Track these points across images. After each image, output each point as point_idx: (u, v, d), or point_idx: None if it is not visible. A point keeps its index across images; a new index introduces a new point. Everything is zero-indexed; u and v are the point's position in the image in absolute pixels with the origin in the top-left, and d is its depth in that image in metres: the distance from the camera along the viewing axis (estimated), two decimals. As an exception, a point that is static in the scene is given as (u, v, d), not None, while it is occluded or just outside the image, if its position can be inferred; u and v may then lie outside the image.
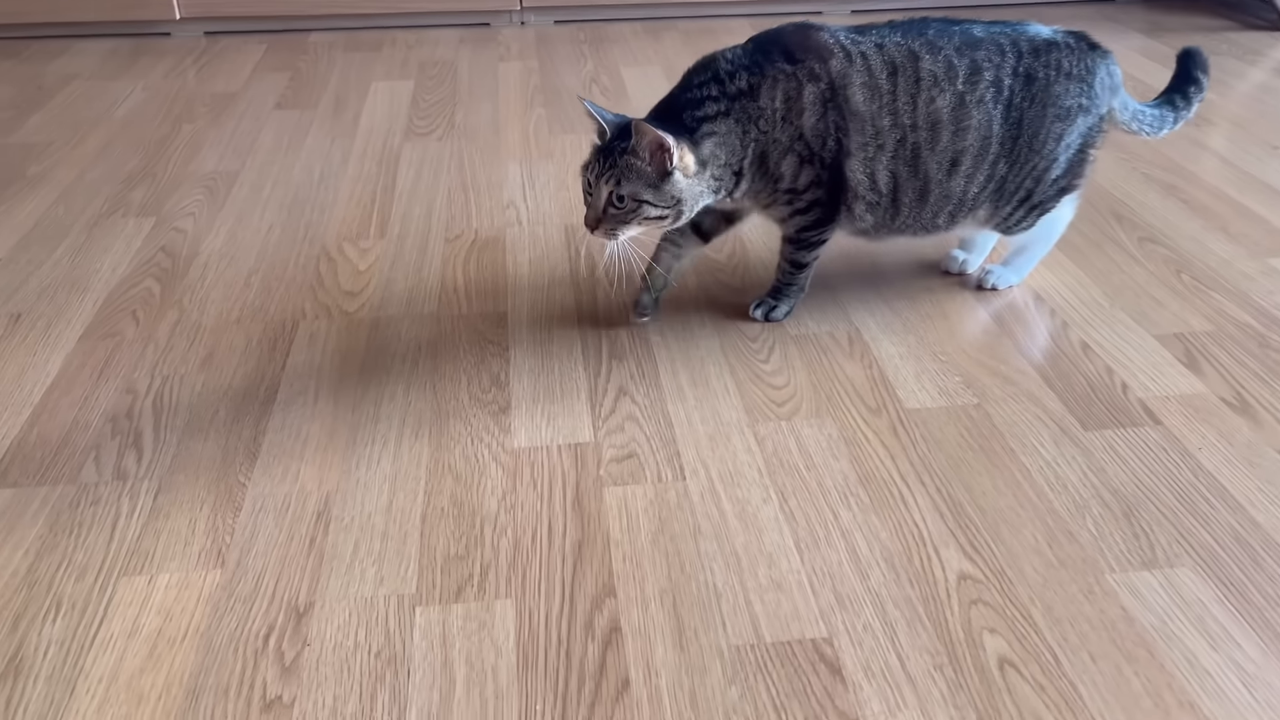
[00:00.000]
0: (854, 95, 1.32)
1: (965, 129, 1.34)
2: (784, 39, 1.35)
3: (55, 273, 1.60)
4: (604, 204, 1.29)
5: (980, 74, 1.34)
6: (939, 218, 1.41)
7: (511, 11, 2.84)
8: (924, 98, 1.33)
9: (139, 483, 1.18)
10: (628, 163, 1.27)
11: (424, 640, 0.98)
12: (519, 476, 1.19)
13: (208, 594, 1.03)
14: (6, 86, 2.37)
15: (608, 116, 1.32)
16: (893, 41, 1.35)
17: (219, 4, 2.70)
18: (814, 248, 1.43)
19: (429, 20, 2.82)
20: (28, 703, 0.92)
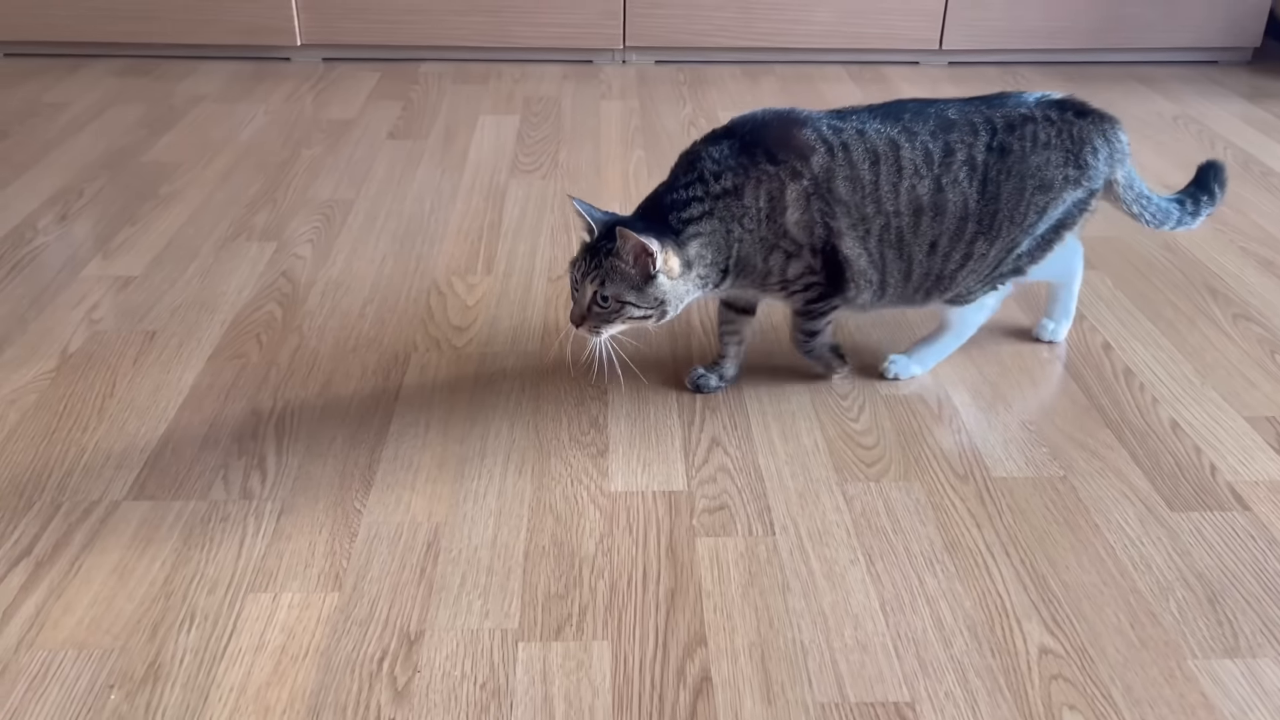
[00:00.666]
0: (838, 188, 1.34)
1: (943, 212, 1.36)
2: (767, 137, 1.34)
3: (186, 292, 1.71)
4: (589, 302, 1.31)
5: (953, 155, 1.35)
6: (918, 294, 1.43)
7: (614, 50, 2.92)
8: (905, 185, 1.34)
9: (263, 503, 1.26)
10: (612, 264, 1.29)
11: (526, 675, 1.04)
12: (615, 520, 1.25)
13: (326, 615, 1.11)
14: (140, 104, 2.51)
15: (596, 215, 1.34)
16: (873, 129, 1.35)
17: (337, 32, 2.83)
18: (824, 316, 1.44)
19: (534, 55, 2.92)
20: (165, 707, 1.00)
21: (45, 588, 1.13)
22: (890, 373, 1.52)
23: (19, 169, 2.14)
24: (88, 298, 1.68)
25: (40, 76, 2.68)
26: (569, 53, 2.92)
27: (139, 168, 2.17)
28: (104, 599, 1.12)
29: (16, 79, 2.66)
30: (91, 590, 1.13)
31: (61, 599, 1.11)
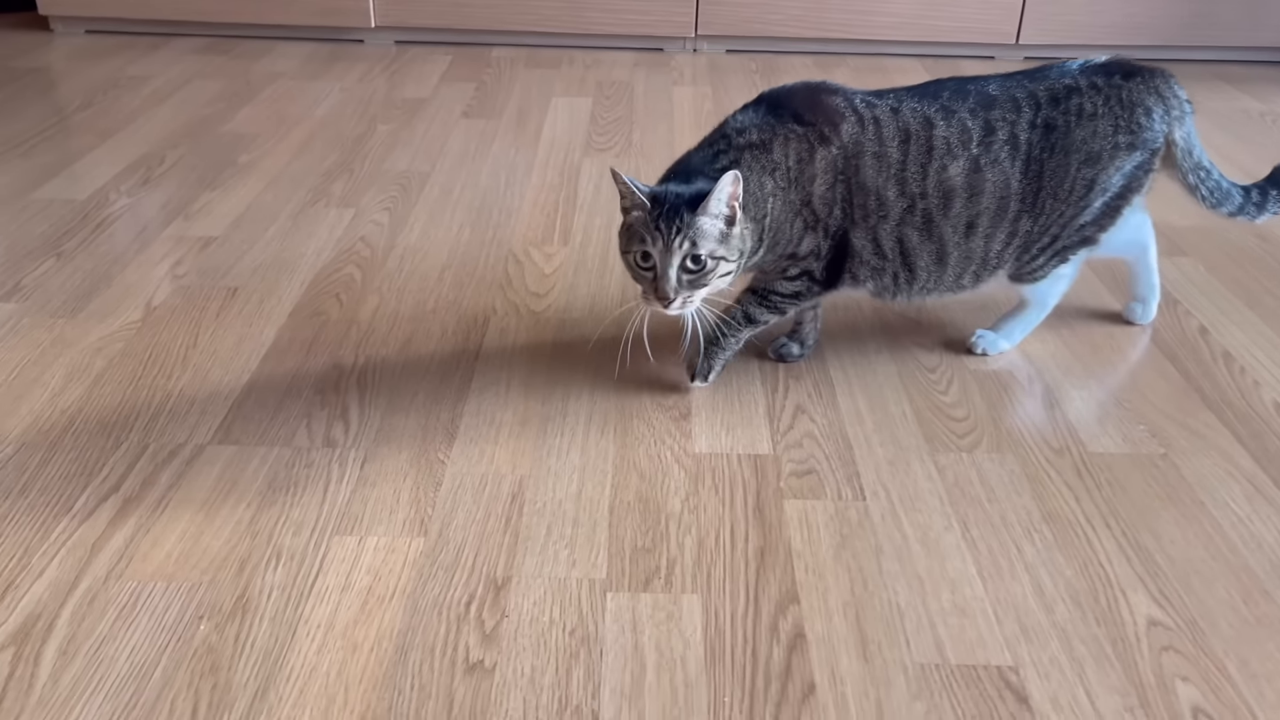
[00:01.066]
0: (864, 168, 1.29)
1: (980, 192, 1.31)
2: (794, 99, 1.31)
3: (266, 253, 1.72)
4: (677, 271, 1.23)
5: (994, 134, 1.30)
6: (963, 278, 1.38)
7: (685, 38, 2.91)
8: (935, 166, 1.29)
9: (346, 451, 1.25)
10: (695, 222, 1.21)
11: (615, 624, 1.02)
12: (700, 480, 1.23)
13: (412, 559, 1.10)
14: (218, 80, 2.55)
15: (643, 188, 1.25)
16: (909, 106, 1.31)
17: (410, 15, 2.85)
18: (773, 312, 1.37)
19: (606, 43, 2.92)
20: (255, 638, 0.99)
21: (133, 523, 1.13)
22: (978, 348, 1.48)
23: (103, 135, 2.17)
24: (170, 255, 1.70)
25: (122, 53, 2.73)
26: (640, 40, 2.92)
27: (218, 138, 2.19)
28: (191, 536, 1.11)
29: (99, 55, 2.71)
30: (179, 527, 1.12)
31: (149, 534, 1.11)
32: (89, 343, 1.45)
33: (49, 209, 1.84)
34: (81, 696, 0.92)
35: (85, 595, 1.03)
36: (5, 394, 1.33)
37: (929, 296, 1.40)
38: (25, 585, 1.04)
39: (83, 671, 0.95)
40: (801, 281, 1.35)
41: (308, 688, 0.94)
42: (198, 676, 0.95)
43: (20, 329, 1.47)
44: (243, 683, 0.94)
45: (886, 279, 1.36)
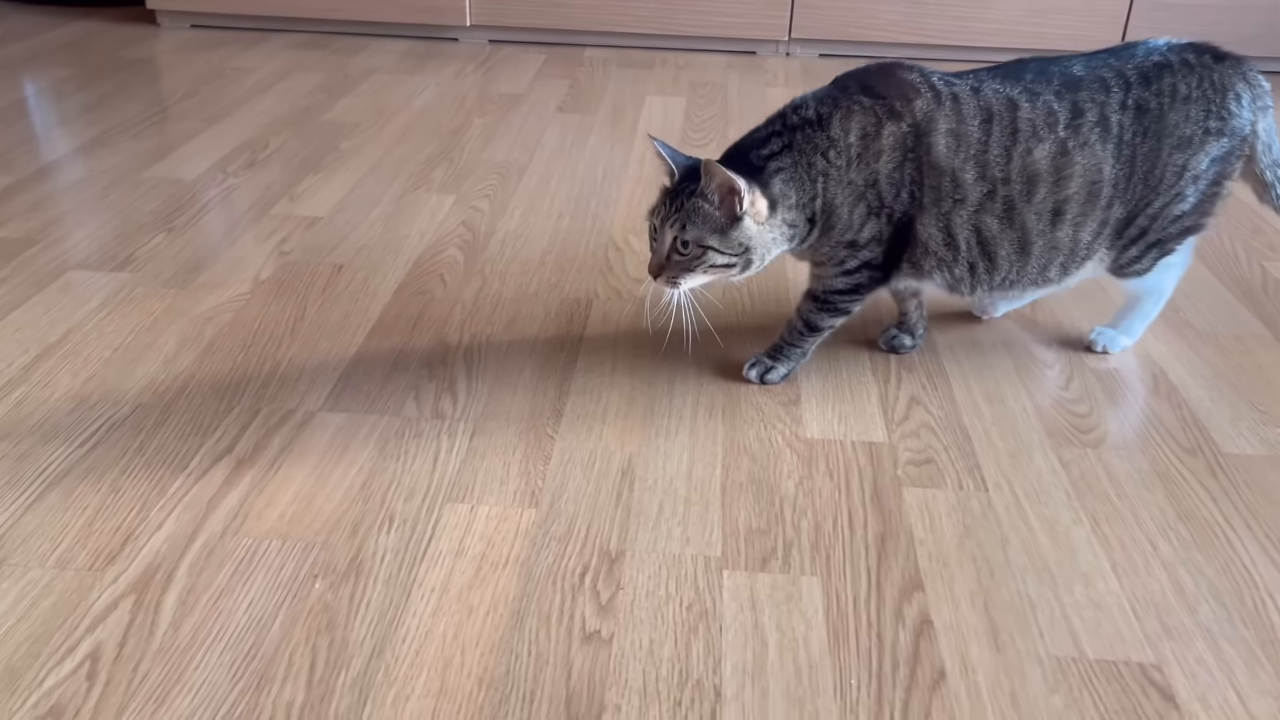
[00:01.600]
0: (937, 143, 1.21)
1: (1068, 177, 1.23)
2: (866, 74, 1.25)
3: (370, 234, 1.73)
4: (668, 249, 1.21)
5: (1083, 116, 1.23)
6: (1049, 270, 1.29)
7: (779, 41, 2.89)
8: (1020, 149, 1.22)
9: (455, 423, 1.25)
10: (695, 205, 1.19)
11: (733, 601, 0.99)
12: (814, 465, 1.19)
13: (524, 529, 1.08)
14: (318, 73, 2.58)
15: (678, 158, 1.24)
16: (990, 87, 1.24)
17: (505, 14, 2.87)
18: (837, 315, 1.32)
19: (698, 45, 2.91)
20: (370, 599, 0.98)
21: (247, 483, 1.13)
22: (1098, 345, 1.43)
23: (209, 121, 2.21)
24: (276, 233, 1.71)
25: (225, 47, 2.78)
26: (733, 42, 2.90)
27: (319, 126, 2.22)
28: (304, 497, 1.11)
29: (203, 48, 2.77)
30: (291, 489, 1.12)
31: (263, 494, 1.11)
32: (199, 312, 1.46)
33: (159, 187, 1.87)
34: (202, 645, 0.92)
35: (203, 549, 1.03)
36: (121, 358, 1.34)
37: (1011, 290, 1.32)
38: (144, 537, 1.04)
39: (202, 621, 0.94)
40: (862, 274, 1.27)
41: (424, 649, 0.93)
42: (314, 633, 0.94)
43: (134, 297, 1.49)
44: (359, 640, 0.93)
45: (960, 270, 1.27)
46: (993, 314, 1.51)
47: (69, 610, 0.95)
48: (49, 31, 2.87)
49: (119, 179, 1.90)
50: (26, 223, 1.70)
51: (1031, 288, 1.32)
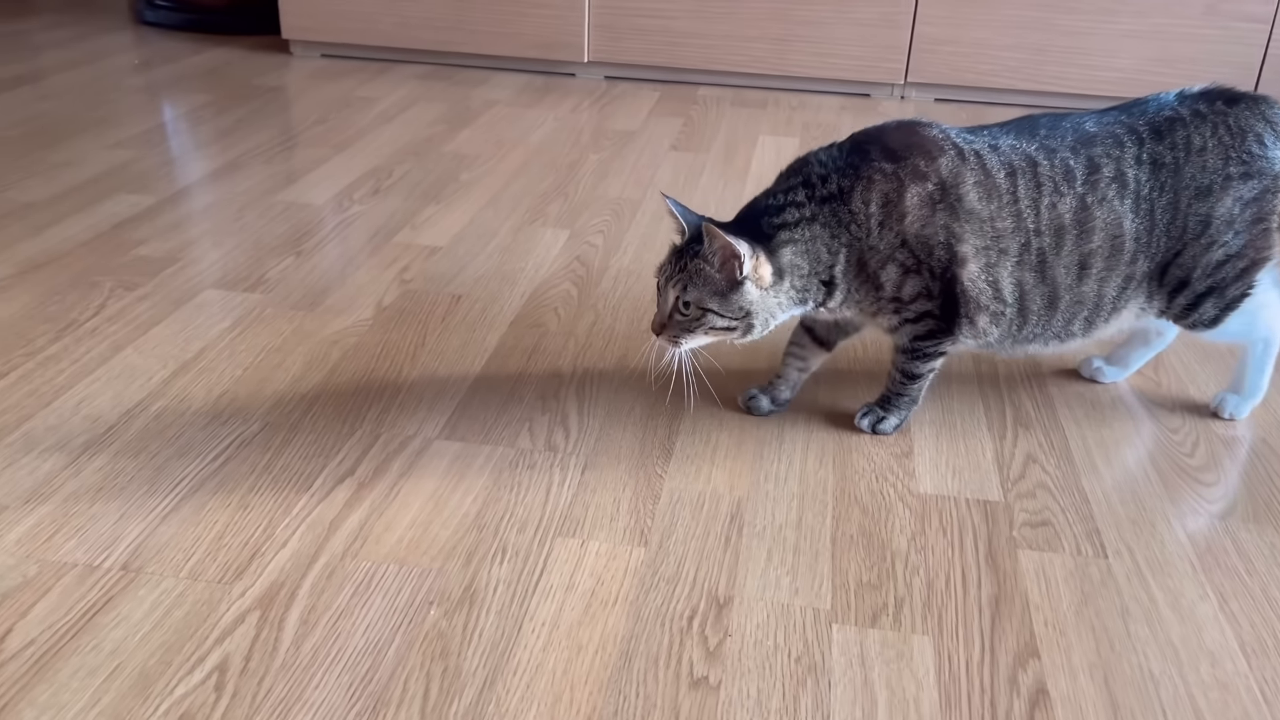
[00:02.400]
0: (968, 194, 1.20)
1: (1090, 230, 1.22)
2: (885, 136, 1.23)
3: (487, 265, 1.77)
4: (670, 309, 1.22)
5: (1099, 171, 1.22)
6: (1073, 324, 1.27)
7: (894, 85, 2.88)
8: (1046, 202, 1.21)
9: (567, 457, 1.26)
10: (697, 267, 1.19)
11: (842, 656, 0.98)
12: (927, 520, 1.18)
13: (634, 568, 1.09)
14: (440, 104, 2.67)
15: (689, 216, 1.23)
16: (1007, 144, 1.23)
17: (621, 52, 2.92)
18: (930, 359, 1.29)
19: (811, 86, 2.92)
20: (483, 630, 1.00)
21: (367, 506, 1.16)
22: (1225, 412, 1.38)
23: (337, 148, 2.30)
24: (398, 261, 1.77)
25: (353, 75, 2.89)
26: (847, 85, 2.90)
27: (441, 156, 2.29)
28: (421, 524, 1.14)
29: (332, 76, 2.88)
30: (409, 515, 1.15)
31: (382, 518, 1.14)
32: (325, 335, 1.52)
33: (288, 211, 1.95)
34: (322, 665, 0.95)
35: (324, 570, 1.06)
36: (251, 376, 1.40)
37: (1030, 346, 1.30)
38: (270, 554, 1.08)
39: (322, 641, 0.97)
40: (926, 323, 1.25)
41: (534, 683, 0.94)
42: (429, 659, 0.96)
43: (265, 317, 1.55)
44: (472, 670, 0.95)
45: (1005, 324, 1.25)
46: (1103, 380, 1.47)
47: (199, 621, 0.99)
48: (189, 58, 3.02)
49: (252, 202, 1.99)
50: (166, 242, 1.79)
51: (1054, 342, 1.30)
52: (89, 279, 1.64)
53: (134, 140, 2.30)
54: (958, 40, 2.77)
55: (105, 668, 0.93)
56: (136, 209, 1.92)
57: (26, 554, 1.06)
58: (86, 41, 3.16)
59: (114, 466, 1.20)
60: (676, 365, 1.27)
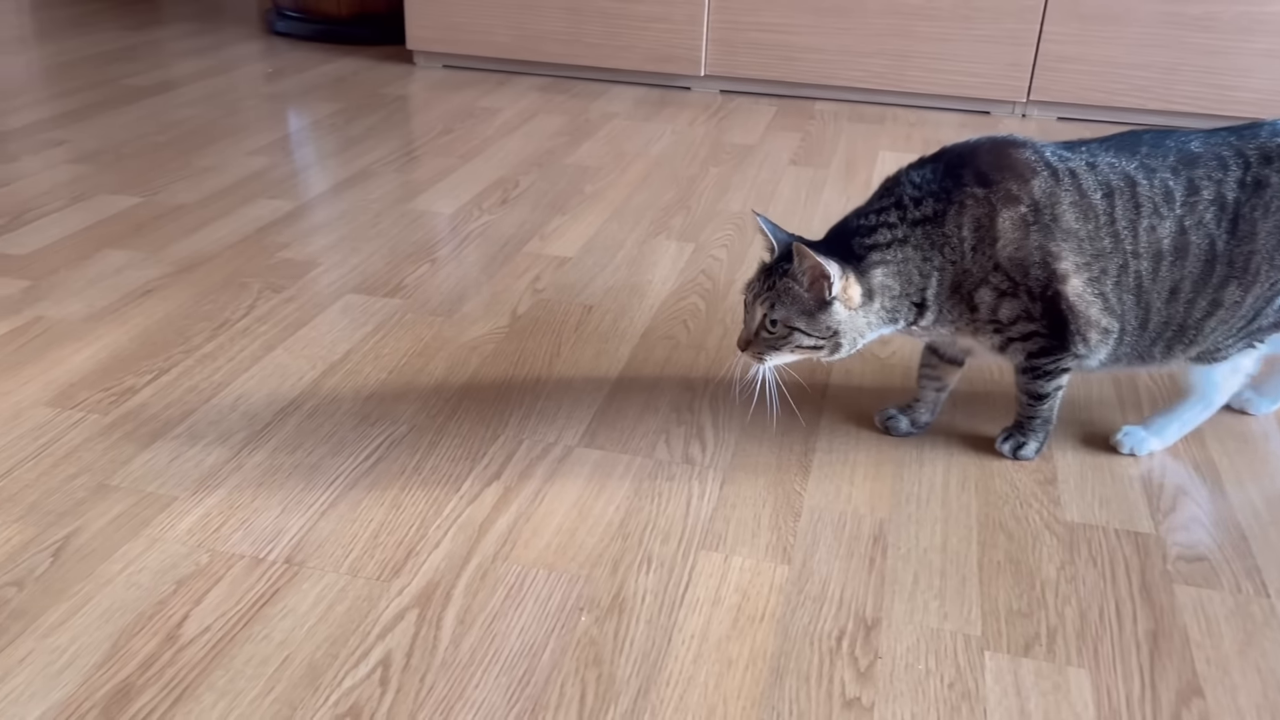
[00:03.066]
0: (1064, 214, 1.17)
1: (1184, 255, 1.18)
2: (977, 157, 1.20)
3: (616, 277, 1.79)
4: (757, 326, 1.22)
5: (1198, 194, 1.17)
6: (1156, 346, 1.24)
7: (1015, 103, 2.83)
8: (1145, 225, 1.17)
9: (704, 470, 1.27)
10: (786, 286, 1.19)
11: (996, 685, 0.97)
12: (1075, 550, 1.16)
13: (778, 585, 1.09)
14: (560, 116, 2.71)
15: (779, 235, 1.23)
16: (1105, 161, 1.19)
17: (738, 66, 2.93)
18: (1051, 377, 1.26)
19: (930, 102, 2.89)
20: (633, 638, 1.01)
21: (514, 511, 1.19)
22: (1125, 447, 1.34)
23: (464, 158, 2.36)
24: (530, 270, 1.80)
25: (474, 87, 2.96)
26: (966, 101, 2.86)
27: (564, 168, 2.32)
28: (567, 530, 1.16)
29: (455, 87, 2.95)
30: (555, 521, 1.17)
31: (530, 523, 1.17)
32: (464, 341, 1.55)
33: (421, 219, 2.00)
34: (480, 664, 0.97)
35: (477, 571, 1.09)
36: (396, 378, 1.44)
37: (1116, 368, 1.27)
38: (424, 554, 1.11)
39: (479, 642, 1.00)
40: (1035, 341, 1.23)
41: (687, 695, 0.95)
42: (583, 665, 0.98)
43: (405, 323, 1.60)
44: (625, 678, 0.96)
45: (1111, 343, 1.23)
46: (1253, 411, 1.42)
47: (361, 616, 1.02)
48: (318, 67, 3.12)
49: (385, 210, 2.05)
50: (307, 246, 1.86)
51: (1137, 364, 1.27)
52: (238, 280, 1.71)
53: (270, 147, 2.39)
54: (1085, 58, 2.71)
55: (276, 657, 0.97)
56: (277, 214, 2.00)
57: (198, 543, 1.11)
58: (221, 50, 3.29)
59: (272, 462, 1.25)
60: (760, 382, 1.28)
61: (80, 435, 1.29)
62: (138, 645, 0.98)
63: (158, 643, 0.98)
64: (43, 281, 1.68)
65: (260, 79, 2.98)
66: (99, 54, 3.18)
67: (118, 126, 2.48)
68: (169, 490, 1.19)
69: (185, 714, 0.91)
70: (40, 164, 2.21)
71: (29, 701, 0.91)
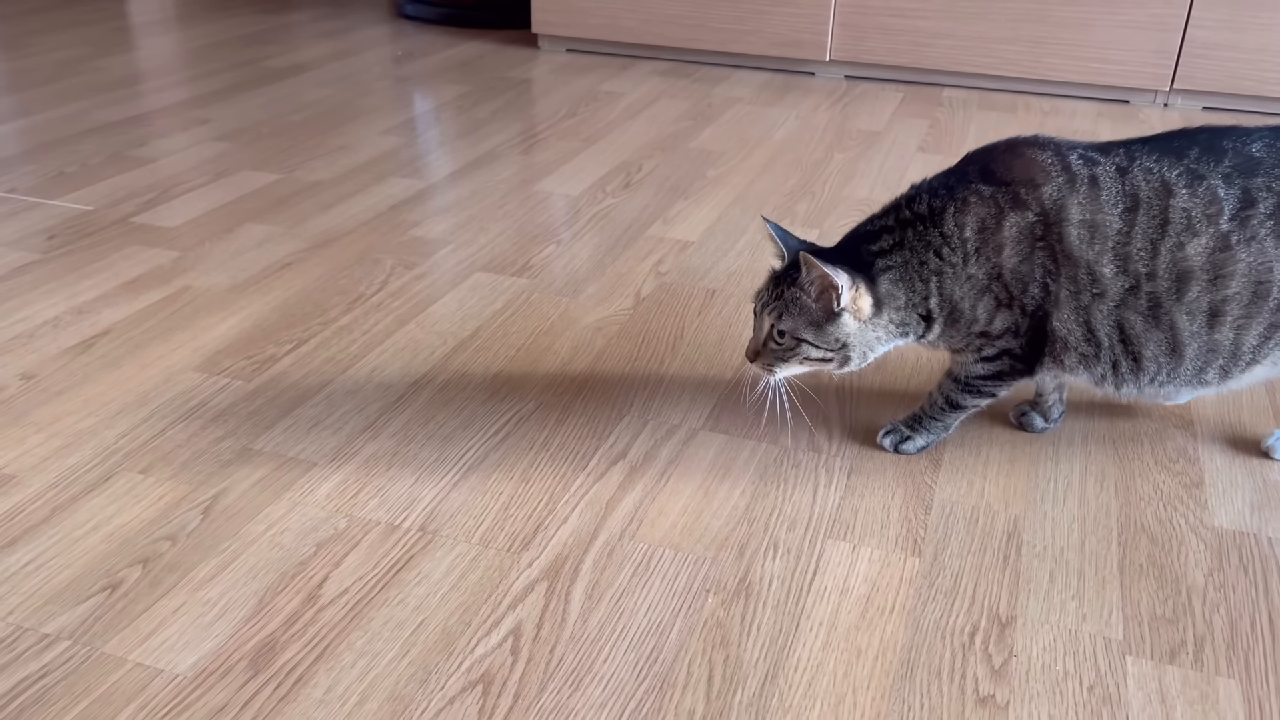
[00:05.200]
0: (1069, 234, 1.08)
1: (1229, 275, 1.07)
2: (991, 156, 1.13)
3: (738, 262, 1.78)
4: (765, 336, 1.18)
5: (1255, 206, 1.05)
6: (1206, 372, 1.13)
7: (1157, 92, 2.71)
8: (1169, 244, 1.07)
9: (831, 459, 1.26)
10: (794, 296, 1.14)
11: (1139, 691, 0.94)
12: (1224, 557, 1.10)
13: (908, 577, 1.07)
14: (683, 101, 2.71)
15: (790, 242, 1.19)
16: (1142, 166, 1.08)
17: (864, 52, 2.88)
18: (980, 396, 1.22)
19: (1064, 90, 2.78)
20: (760, 623, 1.01)
21: (640, 490, 1.19)
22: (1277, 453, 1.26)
23: (588, 141, 2.37)
24: (653, 253, 1.81)
25: (597, 71, 2.98)
26: (1104, 90, 2.75)
27: (686, 152, 2.32)
28: (692, 511, 1.16)
29: (578, 71, 2.97)
30: (680, 502, 1.18)
31: (655, 503, 1.17)
32: (589, 322, 1.57)
33: (547, 201, 2.03)
34: (608, 640, 0.98)
35: (604, 548, 1.10)
36: (524, 357, 1.47)
37: (1166, 390, 1.17)
38: (552, 528, 1.13)
39: (607, 617, 1.01)
40: (1002, 361, 1.18)
41: (815, 682, 0.94)
42: (710, 646, 0.98)
43: (532, 302, 1.62)
44: (752, 661, 0.96)
45: (1103, 368, 1.15)
46: None
47: (492, 586, 1.04)
48: (445, 51, 3.18)
49: (512, 191, 2.07)
50: (438, 225, 1.90)
51: (1188, 388, 1.17)
52: (372, 256, 1.76)
53: (400, 127, 2.44)
54: (1235, 45, 2.58)
55: (411, 621, 1.00)
56: (409, 192, 2.04)
57: (336, 508, 1.15)
58: (352, 34, 3.38)
59: (406, 433, 1.28)
60: (771, 394, 1.25)
61: (226, 400, 1.34)
62: (281, 603, 1.01)
63: (300, 601, 1.02)
64: (189, 253, 1.76)
65: (390, 61, 3.06)
66: (237, 37, 3.30)
67: (256, 106, 2.58)
68: (309, 456, 1.23)
69: (327, 670, 0.94)
70: (186, 141, 2.31)
71: (183, 650, 0.96)
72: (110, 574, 1.05)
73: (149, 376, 1.39)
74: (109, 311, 1.56)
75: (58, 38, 3.22)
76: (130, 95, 2.65)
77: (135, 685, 0.92)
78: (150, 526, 1.11)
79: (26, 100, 2.58)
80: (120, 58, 3.02)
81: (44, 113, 2.48)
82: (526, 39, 3.27)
